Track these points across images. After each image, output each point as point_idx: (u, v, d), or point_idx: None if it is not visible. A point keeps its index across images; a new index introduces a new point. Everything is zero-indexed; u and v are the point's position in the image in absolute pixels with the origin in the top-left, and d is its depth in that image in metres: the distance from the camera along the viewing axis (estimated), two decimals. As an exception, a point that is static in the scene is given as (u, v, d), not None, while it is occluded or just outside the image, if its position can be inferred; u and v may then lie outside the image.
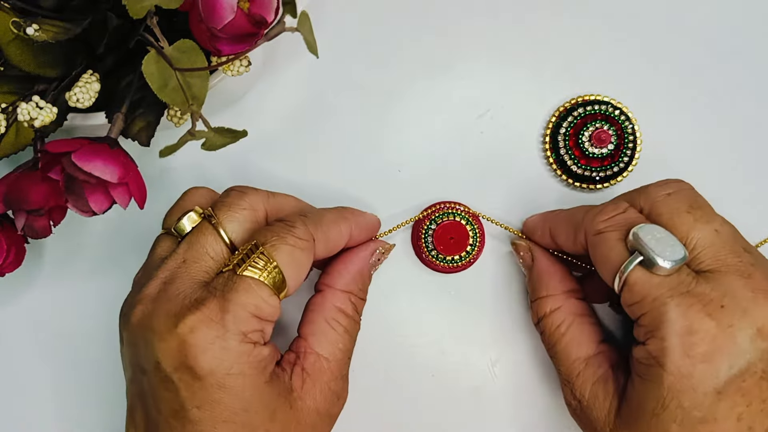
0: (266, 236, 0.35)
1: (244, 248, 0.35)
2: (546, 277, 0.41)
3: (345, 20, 0.46)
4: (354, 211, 0.41)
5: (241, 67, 0.34)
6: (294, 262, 0.35)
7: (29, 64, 0.34)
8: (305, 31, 0.31)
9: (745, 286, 0.32)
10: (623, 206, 0.36)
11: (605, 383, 0.36)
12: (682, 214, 0.35)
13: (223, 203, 0.37)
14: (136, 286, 0.37)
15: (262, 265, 0.34)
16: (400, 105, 0.45)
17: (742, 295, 0.32)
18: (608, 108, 0.44)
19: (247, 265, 0.34)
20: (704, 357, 0.31)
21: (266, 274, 0.34)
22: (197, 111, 0.33)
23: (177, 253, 0.36)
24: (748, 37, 0.45)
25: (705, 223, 0.34)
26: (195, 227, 0.37)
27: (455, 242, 0.43)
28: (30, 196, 0.34)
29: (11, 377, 0.45)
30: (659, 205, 0.36)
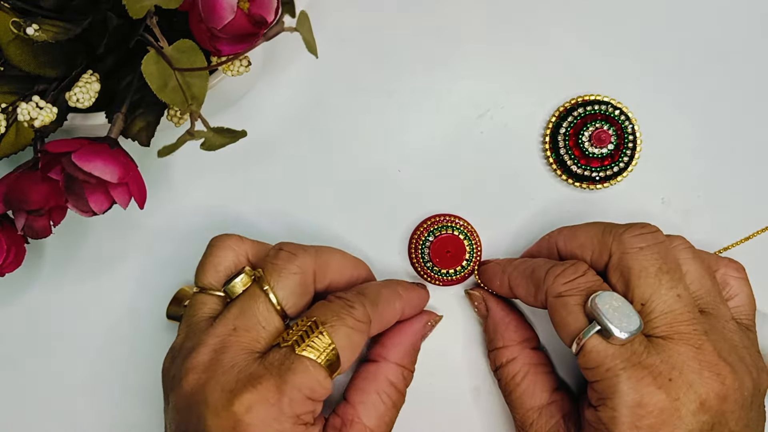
0: (326, 315, 0.36)
1: (303, 324, 0.35)
2: (501, 327, 0.42)
3: (344, 20, 0.46)
4: (407, 287, 0.41)
5: (241, 67, 0.34)
6: (351, 345, 0.35)
7: (29, 64, 0.34)
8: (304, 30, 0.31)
9: (693, 358, 0.34)
10: (583, 268, 0.37)
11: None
12: (650, 277, 0.35)
13: (273, 266, 0.37)
14: (183, 350, 0.36)
15: (321, 346, 0.34)
16: (400, 105, 0.45)
17: (689, 368, 0.33)
18: (608, 108, 0.44)
19: (306, 345, 0.34)
20: (651, 429, 0.33)
21: (324, 356, 0.34)
22: (197, 111, 0.33)
23: (227, 318, 0.36)
24: (748, 37, 0.45)
25: (669, 288, 0.35)
26: (245, 291, 0.37)
27: (452, 256, 0.43)
28: (30, 196, 0.34)
29: (11, 377, 0.45)
30: (629, 258, 0.36)
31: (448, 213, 0.44)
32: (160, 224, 0.45)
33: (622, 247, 0.36)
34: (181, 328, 0.38)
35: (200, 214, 0.45)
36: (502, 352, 0.41)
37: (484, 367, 0.44)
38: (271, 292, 0.36)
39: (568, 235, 0.39)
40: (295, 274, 0.37)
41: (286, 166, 0.45)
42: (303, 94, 0.45)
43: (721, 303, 0.37)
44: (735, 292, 0.39)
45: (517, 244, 0.44)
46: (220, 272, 0.39)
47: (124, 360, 0.44)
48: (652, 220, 0.44)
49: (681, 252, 0.37)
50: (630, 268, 0.36)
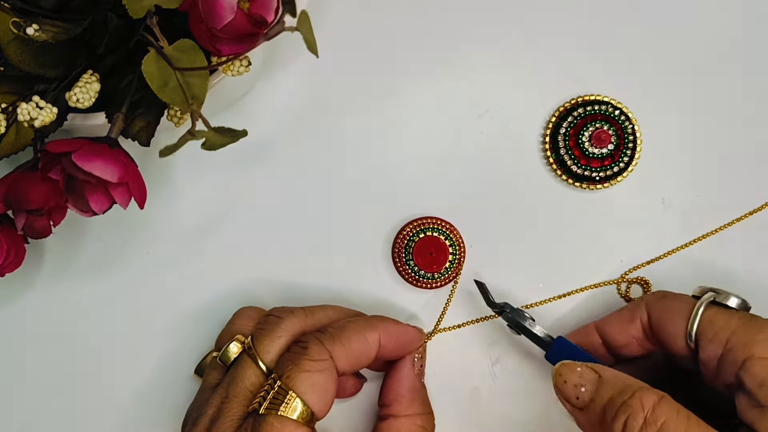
0: (284, 366, 0.35)
1: (265, 383, 0.35)
2: (625, 376, 0.35)
3: (345, 20, 0.46)
4: (384, 319, 0.39)
5: (241, 67, 0.34)
6: (314, 388, 0.35)
7: (29, 64, 0.34)
8: (305, 30, 0.31)
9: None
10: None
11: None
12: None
13: (261, 331, 0.37)
14: (190, 419, 0.37)
15: (283, 399, 0.34)
16: (399, 105, 0.45)
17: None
18: (608, 108, 0.44)
19: (267, 403, 0.34)
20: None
21: (289, 409, 0.34)
22: (197, 111, 0.33)
23: (222, 387, 0.36)
24: (748, 37, 0.45)
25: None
26: (236, 359, 0.37)
27: (434, 257, 0.43)
28: (30, 196, 0.34)
29: (11, 377, 0.45)
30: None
31: (431, 216, 0.44)
32: (160, 224, 0.45)
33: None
34: (198, 392, 0.39)
35: (200, 214, 0.45)
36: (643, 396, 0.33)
37: (484, 367, 0.44)
38: (258, 357, 0.36)
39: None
40: (281, 337, 0.37)
41: (285, 166, 0.45)
42: (303, 93, 0.45)
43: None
44: None
45: (518, 244, 0.44)
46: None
47: (124, 360, 0.44)
48: (652, 220, 0.44)
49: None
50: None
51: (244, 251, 0.45)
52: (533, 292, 0.44)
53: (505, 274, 0.44)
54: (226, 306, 0.44)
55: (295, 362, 0.35)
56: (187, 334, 0.44)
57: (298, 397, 0.34)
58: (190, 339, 0.44)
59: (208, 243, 0.45)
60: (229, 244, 0.45)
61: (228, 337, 0.39)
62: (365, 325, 0.38)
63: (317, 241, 0.44)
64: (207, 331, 0.44)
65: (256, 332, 0.38)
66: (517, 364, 0.44)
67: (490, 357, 0.44)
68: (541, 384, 0.44)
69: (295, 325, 0.38)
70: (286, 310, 0.39)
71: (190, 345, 0.44)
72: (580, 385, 0.34)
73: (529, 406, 0.44)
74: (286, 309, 0.39)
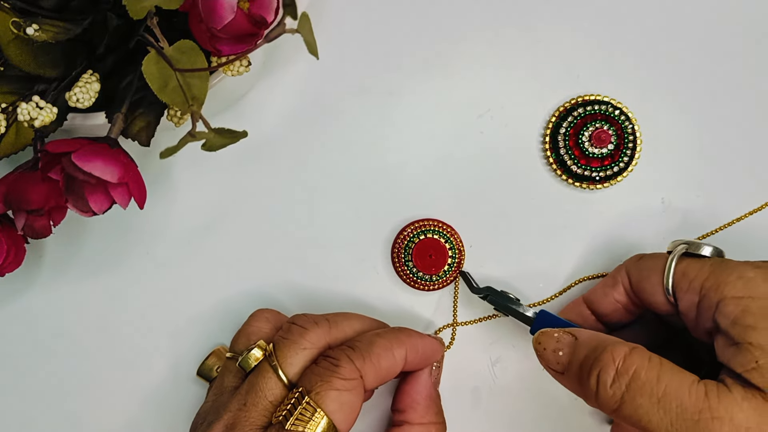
0: (312, 382, 0.35)
1: (291, 396, 0.35)
2: (600, 335, 0.35)
3: (345, 21, 0.46)
4: (411, 334, 0.39)
5: (241, 68, 0.34)
6: (342, 407, 0.34)
7: (29, 64, 0.34)
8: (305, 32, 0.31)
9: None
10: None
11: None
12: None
13: (284, 341, 0.37)
14: (205, 422, 0.36)
15: (310, 416, 0.33)
16: (400, 105, 0.45)
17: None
18: (608, 108, 0.44)
19: (294, 419, 0.33)
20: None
21: (314, 426, 0.33)
22: (197, 111, 0.33)
23: (240, 393, 0.36)
24: (748, 37, 0.45)
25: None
26: (256, 366, 0.37)
27: (434, 259, 0.43)
28: (30, 196, 0.34)
29: (11, 377, 0.45)
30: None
31: (431, 218, 0.44)
32: (160, 224, 0.45)
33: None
34: (210, 393, 0.38)
35: (200, 215, 0.45)
36: (618, 356, 0.33)
37: (484, 367, 0.44)
38: (280, 368, 0.36)
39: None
40: (306, 349, 0.36)
41: (286, 167, 0.45)
42: (303, 94, 0.45)
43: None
44: None
45: (518, 244, 0.44)
46: (251, 342, 0.39)
47: (124, 360, 0.44)
48: (653, 220, 0.44)
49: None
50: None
51: (243, 251, 0.45)
52: (534, 292, 0.44)
53: (506, 273, 0.44)
54: (225, 306, 0.44)
55: (325, 379, 0.34)
56: (186, 334, 0.44)
57: (326, 415, 0.34)
58: (190, 339, 0.44)
59: (208, 243, 0.45)
60: (228, 244, 0.45)
61: (245, 339, 0.39)
62: (393, 340, 0.37)
63: (317, 241, 0.44)
64: (207, 332, 0.44)
65: (279, 341, 0.37)
66: (517, 364, 0.44)
67: (490, 357, 0.44)
68: (541, 384, 0.44)
69: (320, 337, 0.37)
70: (310, 320, 0.38)
71: (190, 345, 0.44)
72: (558, 349, 0.35)
73: (529, 406, 0.44)
74: (309, 319, 0.38)
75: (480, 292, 0.42)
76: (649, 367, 0.32)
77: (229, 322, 0.44)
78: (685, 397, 0.30)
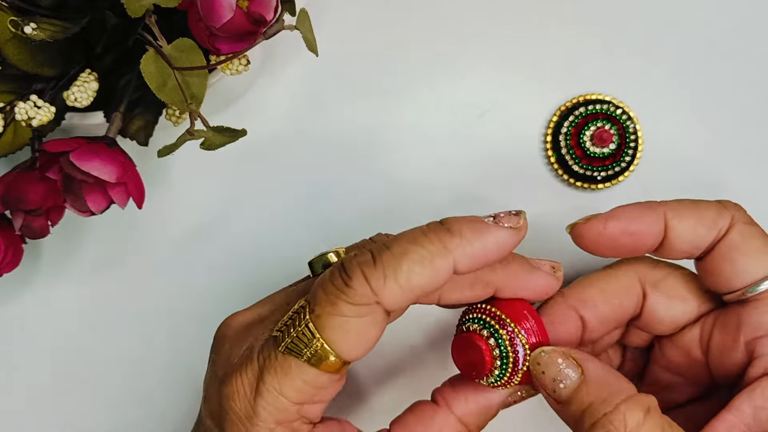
0: (317, 298, 0.28)
1: (293, 310, 0.29)
2: (612, 377, 0.30)
3: (345, 19, 0.45)
4: (462, 232, 0.29)
5: (240, 66, 0.34)
6: (348, 336, 0.28)
7: (27, 63, 0.34)
8: (305, 29, 0.31)
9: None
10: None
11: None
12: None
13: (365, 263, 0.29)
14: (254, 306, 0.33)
15: (308, 341, 0.28)
16: (400, 104, 0.45)
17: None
18: (610, 107, 0.44)
19: (289, 341, 0.28)
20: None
21: (309, 352, 0.28)
22: (196, 110, 0.33)
23: (297, 287, 0.32)
24: (750, 35, 0.45)
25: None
26: (325, 272, 0.30)
27: (472, 366, 0.32)
28: (28, 196, 0.34)
29: (10, 377, 0.45)
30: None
31: (476, 305, 0.33)
32: (159, 224, 0.45)
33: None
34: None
35: (199, 214, 0.45)
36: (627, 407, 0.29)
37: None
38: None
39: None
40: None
41: (285, 166, 0.45)
42: (302, 92, 0.45)
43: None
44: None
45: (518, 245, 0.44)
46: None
47: (123, 360, 0.44)
48: (654, 220, 0.44)
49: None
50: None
51: (243, 251, 0.44)
52: (534, 293, 0.44)
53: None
54: (225, 306, 0.44)
55: (331, 299, 0.28)
56: (186, 334, 0.44)
57: (325, 343, 0.28)
58: (189, 339, 0.44)
59: (207, 243, 0.45)
60: (227, 244, 0.44)
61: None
62: (433, 249, 0.28)
63: (317, 241, 0.44)
64: (206, 332, 0.44)
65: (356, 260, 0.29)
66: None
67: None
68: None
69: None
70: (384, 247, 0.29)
71: (189, 345, 0.44)
72: (560, 381, 0.30)
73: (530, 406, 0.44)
74: (386, 243, 0.29)
75: None
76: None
77: (228, 322, 0.44)
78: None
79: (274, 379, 0.28)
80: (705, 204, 0.34)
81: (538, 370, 0.31)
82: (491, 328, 0.31)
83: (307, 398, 0.29)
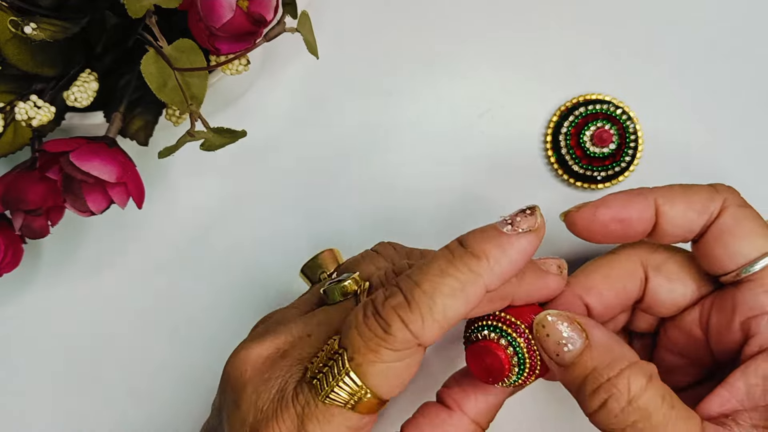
0: (355, 345, 0.28)
1: (328, 352, 0.29)
2: (615, 344, 0.30)
3: (345, 20, 0.45)
4: (488, 253, 0.28)
5: (240, 67, 0.34)
6: (389, 380, 0.28)
7: (27, 63, 0.34)
8: (305, 31, 0.31)
9: None
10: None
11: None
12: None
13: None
14: (270, 320, 0.33)
15: (349, 390, 0.28)
16: (400, 105, 0.45)
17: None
18: (610, 107, 0.44)
19: (330, 390, 0.28)
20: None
21: (354, 399, 0.28)
22: (196, 111, 0.33)
23: (315, 316, 0.31)
24: (750, 36, 0.45)
25: None
26: (341, 303, 0.31)
27: (489, 371, 0.32)
28: (28, 196, 0.34)
29: (9, 378, 0.44)
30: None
31: (493, 314, 0.32)
32: (159, 224, 0.45)
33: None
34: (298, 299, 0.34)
35: (199, 214, 0.45)
36: (630, 372, 0.30)
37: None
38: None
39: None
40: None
41: (285, 167, 0.45)
42: (302, 93, 0.45)
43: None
44: None
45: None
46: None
47: (123, 360, 0.44)
48: (654, 220, 0.44)
49: None
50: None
51: (243, 251, 0.44)
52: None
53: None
54: (224, 306, 0.44)
55: (371, 348, 0.27)
56: (186, 334, 0.44)
57: (368, 390, 0.28)
58: (188, 340, 0.44)
59: (207, 243, 0.44)
60: (228, 244, 0.44)
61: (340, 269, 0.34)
62: (463, 279, 0.28)
63: (317, 242, 0.44)
64: (206, 332, 0.44)
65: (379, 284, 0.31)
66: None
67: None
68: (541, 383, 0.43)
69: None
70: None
71: (188, 346, 0.44)
72: (563, 344, 0.30)
73: (530, 406, 0.44)
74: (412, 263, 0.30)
75: None
76: (662, 408, 0.29)
77: (228, 323, 0.44)
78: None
79: (317, 428, 0.28)
80: (696, 188, 0.34)
81: (542, 333, 0.30)
82: (508, 336, 0.31)
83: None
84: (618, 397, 0.29)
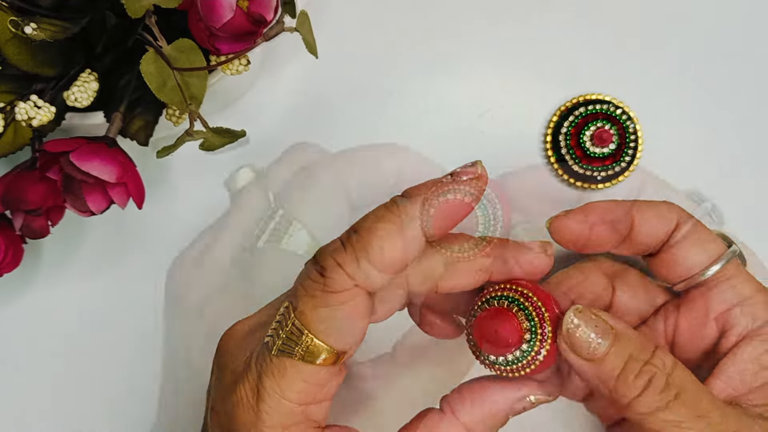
0: (298, 295, 0.29)
1: (279, 312, 0.29)
2: (632, 330, 0.31)
3: (344, 20, 0.45)
4: (426, 200, 0.29)
5: (240, 67, 0.34)
6: (336, 326, 0.28)
7: (27, 63, 0.34)
8: (304, 31, 0.31)
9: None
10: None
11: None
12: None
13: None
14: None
15: (298, 340, 0.28)
16: (400, 105, 0.45)
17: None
18: (610, 107, 0.44)
19: (280, 342, 0.28)
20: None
21: (301, 350, 0.28)
22: (196, 111, 0.33)
23: (293, 288, 0.30)
24: (750, 36, 0.45)
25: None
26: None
27: (501, 338, 0.31)
28: (28, 196, 0.34)
29: (9, 378, 0.44)
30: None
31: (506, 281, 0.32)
32: (159, 224, 0.45)
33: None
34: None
35: (199, 215, 0.45)
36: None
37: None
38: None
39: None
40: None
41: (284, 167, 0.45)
42: (302, 93, 0.45)
43: None
44: None
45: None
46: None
47: (123, 360, 0.44)
48: (654, 220, 0.44)
49: None
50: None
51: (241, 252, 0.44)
52: (534, 293, 0.44)
53: (506, 274, 0.44)
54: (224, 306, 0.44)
55: (310, 293, 0.28)
56: (186, 334, 0.44)
57: (315, 338, 0.28)
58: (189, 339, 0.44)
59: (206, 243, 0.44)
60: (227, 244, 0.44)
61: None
62: (402, 216, 0.29)
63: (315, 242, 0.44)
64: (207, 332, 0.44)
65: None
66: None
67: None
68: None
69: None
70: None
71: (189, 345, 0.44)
72: (597, 337, 0.30)
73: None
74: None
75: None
76: (693, 380, 0.30)
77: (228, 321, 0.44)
78: (717, 416, 0.30)
79: (273, 383, 0.28)
80: (657, 202, 0.36)
81: (572, 330, 0.30)
82: (519, 304, 0.31)
83: (309, 398, 0.29)
84: (660, 375, 0.30)
